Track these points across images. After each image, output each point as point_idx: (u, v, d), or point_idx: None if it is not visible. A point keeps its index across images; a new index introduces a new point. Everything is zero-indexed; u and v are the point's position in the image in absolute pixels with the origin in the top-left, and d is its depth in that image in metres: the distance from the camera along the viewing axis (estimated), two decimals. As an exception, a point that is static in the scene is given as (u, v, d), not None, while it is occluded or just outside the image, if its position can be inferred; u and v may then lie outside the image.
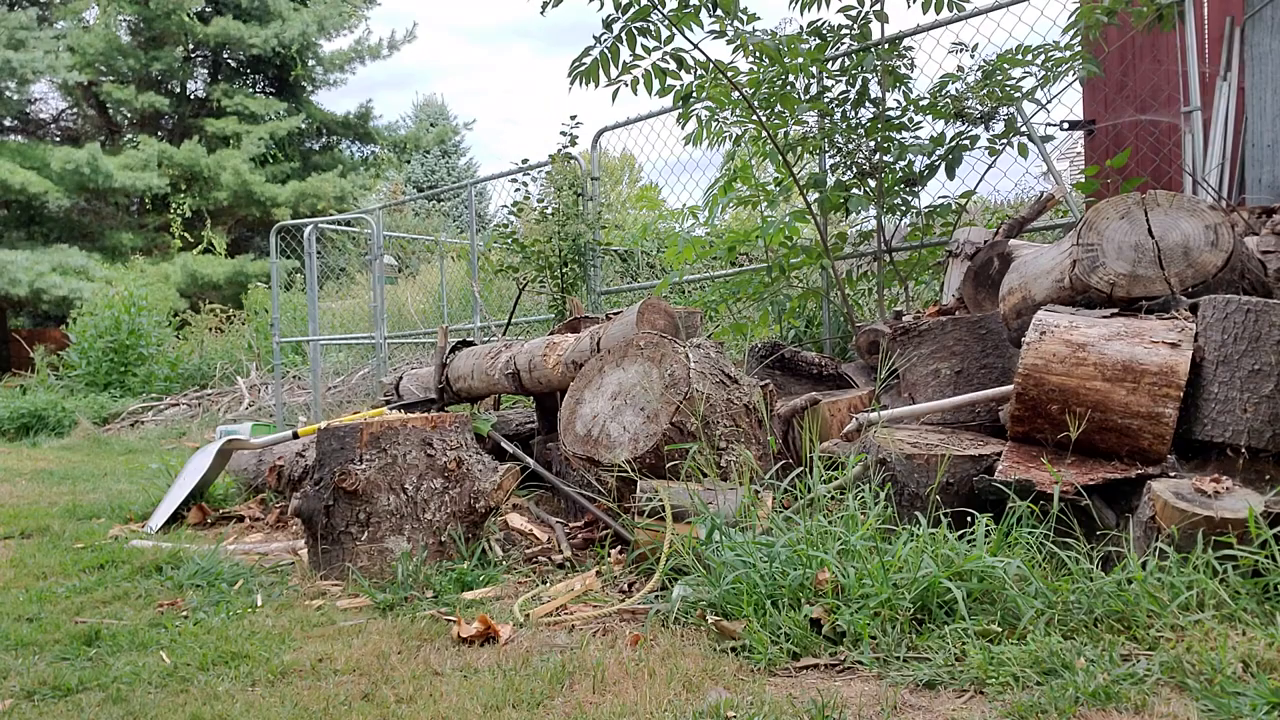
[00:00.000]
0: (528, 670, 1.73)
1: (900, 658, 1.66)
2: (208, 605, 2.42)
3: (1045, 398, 2.19)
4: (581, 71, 3.89)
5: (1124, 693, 1.41)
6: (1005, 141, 4.18)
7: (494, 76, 62.65)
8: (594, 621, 2.09)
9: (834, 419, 3.08)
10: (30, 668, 1.96)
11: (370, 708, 1.60)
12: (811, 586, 1.87)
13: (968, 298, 3.42)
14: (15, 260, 16.41)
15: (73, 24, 19.70)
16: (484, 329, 7.70)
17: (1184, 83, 4.14)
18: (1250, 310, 2.08)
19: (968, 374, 2.86)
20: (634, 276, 8.15)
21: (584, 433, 2.82)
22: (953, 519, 2.03)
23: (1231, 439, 2.06)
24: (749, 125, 4.41)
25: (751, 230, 4.95)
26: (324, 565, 2.68)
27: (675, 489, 2.40)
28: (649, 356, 2.82)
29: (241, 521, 3.80)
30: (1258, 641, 1.50)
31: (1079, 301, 2.48)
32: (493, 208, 8.62)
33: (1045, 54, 3.92)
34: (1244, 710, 1.32)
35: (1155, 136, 4.64)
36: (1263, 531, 1.69)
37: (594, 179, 6.92)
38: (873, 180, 4.30)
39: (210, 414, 9.33)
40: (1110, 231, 2.47)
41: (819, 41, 4.19)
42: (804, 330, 5.53)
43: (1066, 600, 1.73)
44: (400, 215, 17.20)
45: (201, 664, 1.92)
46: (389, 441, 2.67)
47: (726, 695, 1.53)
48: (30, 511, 4.16)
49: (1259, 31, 4.18)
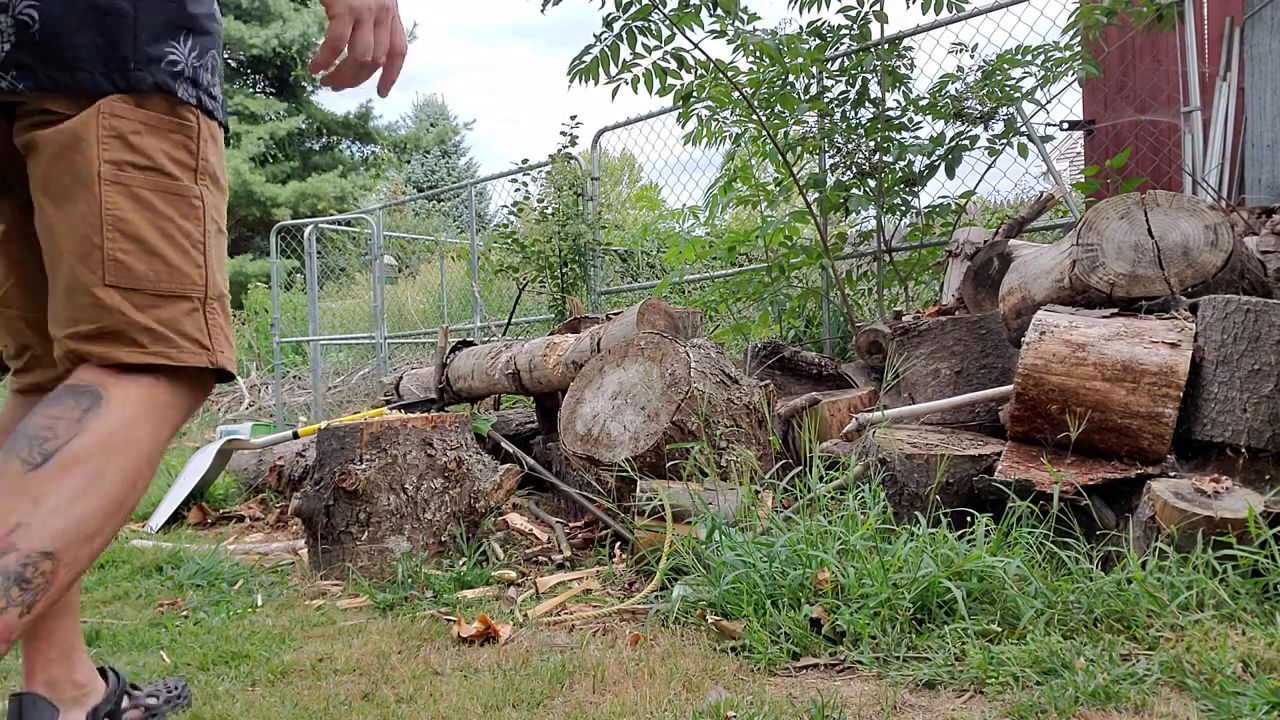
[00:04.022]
0: (528, 670, 1.73)
1: (900, 657, 1.66)
2: (208, 605, 2.42)
3: (1045, 398, 2.19)
4: (581, 70, 3.89)
5: (1124, 692, 1.41)
6: (1005, 141, 4.18)
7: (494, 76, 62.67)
8: (594, 621, 2.09)
9: (834, 419, 3.08)
10: (30, 667, 1.96)
11: (370, 707, 1.60)
12: (811, 586, 1.87)
13: (967, 298, 3.42)
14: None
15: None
16: (484, 329, 7.71)
17: (1184, 83, 4.14)
18: (1250, 310, 2.09)
19: (967, 374, 2.86)
20: (634, 276, 8.16)
21: (584, 432, 2.82)
22: (952, 519, 2.03)
23: (1231, 439, 2.06)
24: (749, 125, 4.42)
25: (751, 230, 4.95)
26: (324, 565, 2.68)
27: (675, 489, 2.40)
28: (650, 356, 2.82)
29: (241, 521, 3.80)
30: (1258, 641, 1.50)
31: (1079, 301, 2.49)
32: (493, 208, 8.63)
33: (1045, 54, 3.92)
34: (1244, 710, 1.32)
35: (1155, 136, 4.64)
36: (1262, 531, 1.69)
37: (594, 179, 6.92)
38: (873, 180, 4.30)
39: (210, 414, 9.33)
40: (1110, 231, 2.47)
41: (819, 41, 4.19)
42: (804, 330, 5.53)
43: (1066, 600, 1.73)
44: (400, 215, 17.20)
45: (202, 664, 1.92)
46: (389, 441, 2.67)
47: (726, 695, 1.53)
48: (30, 511, 4.15)
49: (1259, 31, 4.18)
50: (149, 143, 1.14)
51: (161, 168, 1.15)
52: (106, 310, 1.11)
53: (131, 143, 1.13)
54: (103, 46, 1.09)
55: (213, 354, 1.22)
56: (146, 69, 1.12)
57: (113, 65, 1.10)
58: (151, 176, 1.14)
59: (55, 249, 1.13)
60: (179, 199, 1.16)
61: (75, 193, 1.10)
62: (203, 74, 1.17)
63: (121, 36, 1.10)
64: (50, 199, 1.12)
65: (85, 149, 1.09)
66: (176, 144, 1.17)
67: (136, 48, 1.11)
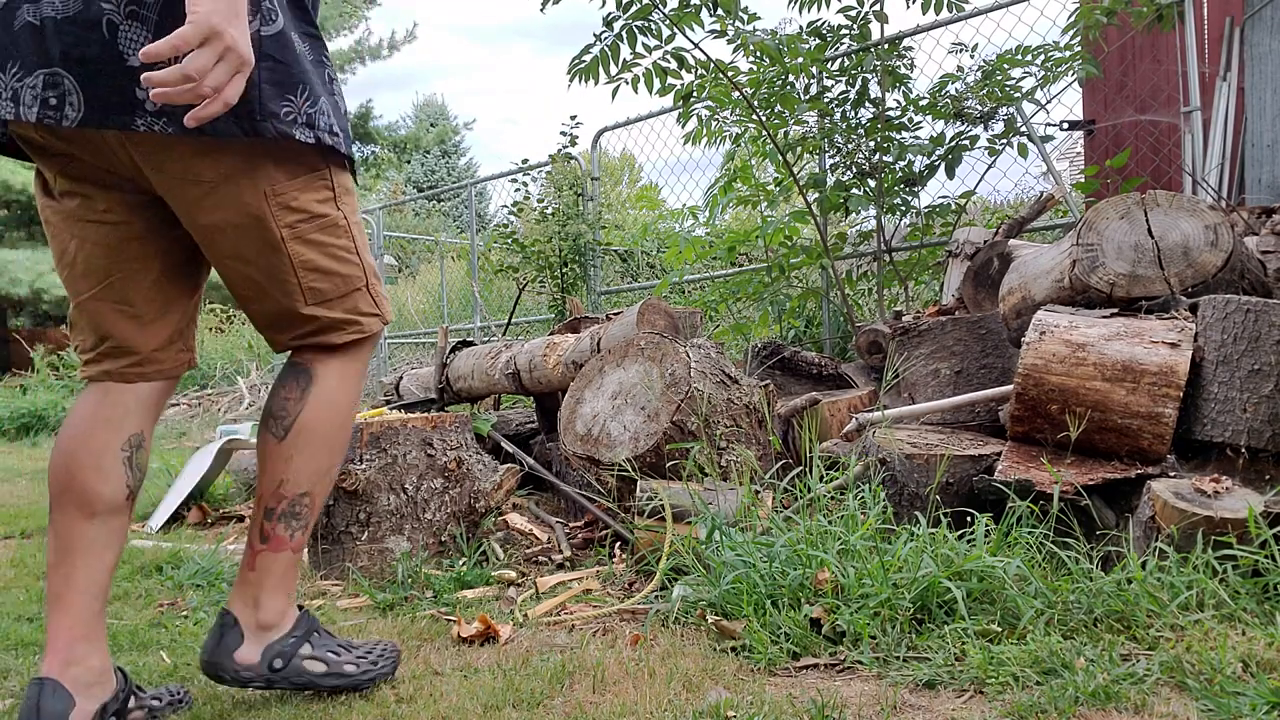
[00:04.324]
0: (528, 670, 1.73)
1: (900, 657, 1.66)
2: (208, 605, 2.42)
3: (1045, 398, 2.19)
4: (581, 69, 3.89)
5: (1124, 692, 1.41)
6: (1005, 141, 4.18)
7: (494, 76, 62.64)
8: (594, 621, 2.09)
9: (834, 419, 3.08)
10: (30, 667, 1.96)
11: (370, 707, 1.60)
12: (811, 586, 1.87)
13: (967, 298, 3.42)
14: (16, 260, 16.42)
15: (73, 24, 19.67)
16: (484, 329, 7.71)
17: (1184, 83, 4.14)
18: (1250, 310, 2.09)
19: (967, 374, 2.86)
20: (634, 276, 8.16)
21: (584, 432, 2.82)
22: (952, 519, 2.03)
23: (1231, 439, 2.06)
24: (749, 125, 4.42)
25: (751, 230, 4.95)
26: (324, 565, 2.68)
27: (675, 489, 2.40)
28: (650, 356, 2.82)
29: (241, 521, 3.79)
30: (1258, 641, 1.50)
31: (1079, 301, 2.49)
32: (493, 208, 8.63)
33: (1045, 54, 3.92)
34: (1244, 710, 1.32)
35: (1155, 136, 4.64)
36: (1262, 531, 1.69)
37: (594, 179, 6.92)
38: (873, 180, 4.30)
39: (210, 414, 9.33)
40: (1110, 231, 2.47)
41: (819, 41, 4.19)
42: (804, 330, 5.53)
43: (1066, 600, 1.73)
44: (400, 215, 17.19)
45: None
46: (389, 441, 2.67)
47: (726, 695, 1.53)
48: (30, 511, 4.16)
49: (1259, 31, 4.18)
50: (303, 199, 1.51)
51: (315, 213, 1.53)
52: (314, 319, 1.57)
53: (292, 206, 1.50)
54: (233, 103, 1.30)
55: (382, 315, 1.66)
56: (268, 121, 1.40)
57: (241, 117, 1.38)
58: (313, 222, 1.52)
59: (257, 285, 1.54)
60: (333, 226, 1.55)
61: (268, 253, 1.50)
62: (318, 118, 1.46)
63: (248, 95, 1.36)
64: (243, 261, 1.52)
65: (267, 223, 1.48)
66: (318, 188, 1.53)
67: (261, 104, 1.39)
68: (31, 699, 1.41)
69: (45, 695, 1.41)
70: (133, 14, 1.33)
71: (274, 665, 1.59)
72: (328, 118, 1.48)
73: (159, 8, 1.34)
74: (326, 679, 1.63)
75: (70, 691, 1.43)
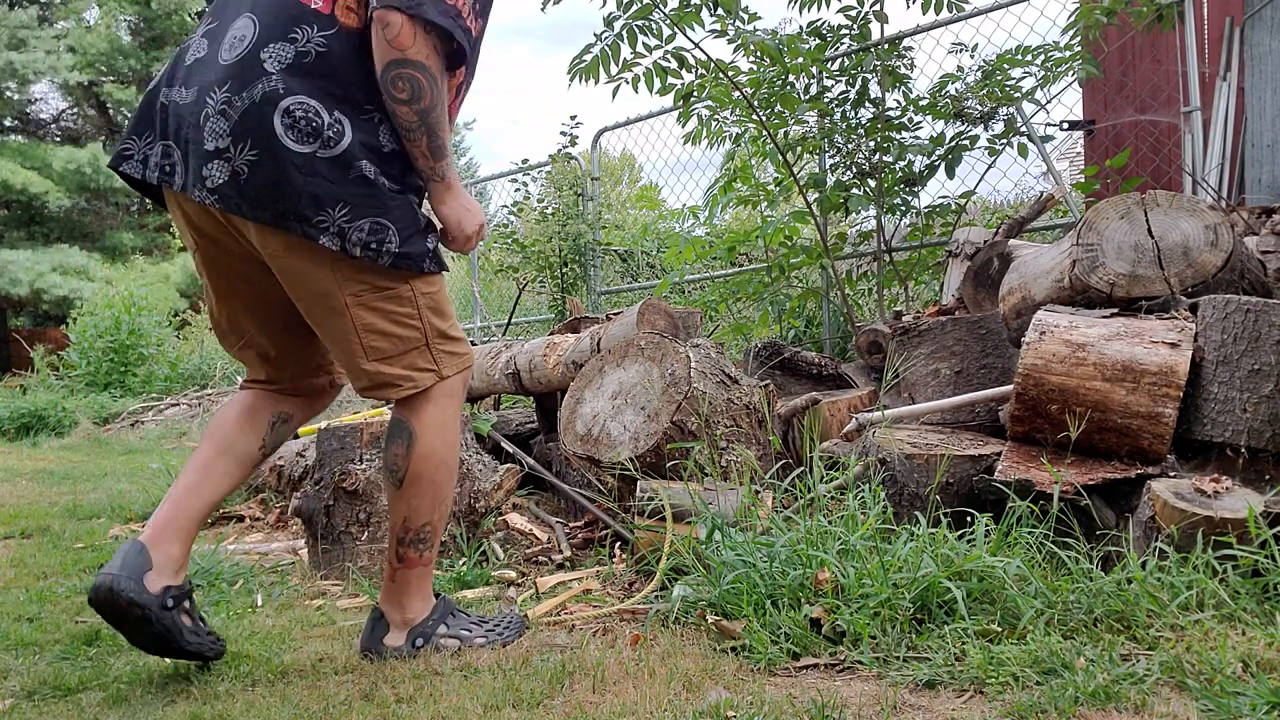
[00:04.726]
0: (527, 670, 1.73)
1: (900, 657, 1.66)
2: (208, 605, 2.42)
3: (1045, 398, 2.19)
4: (581, 69, 3.90)
5: (1124, 692, 1.41)
6: (1005, 141, 4.18)
7: (494, 76, 62.67)
8: (594, 621, 2.09)
9: (834, 419, 3.08)
10: (30, 667, 1.97)
11: (370, 708, 1.61)
12: (811, 586, 1.87)
13: (967, 298, 3.42)
14: (16, 260, 16.42)
15: (73, 24, 19.70)
16: (484, 329, 7.71)
17: (1184, 83, 4.14)
18: (1250, 310, 2.09)
19: (967, 374, 2.86)
20: (634, 276, 8.16)
21: (584, 432, 2.82)
22: (952, 519, 2.03)
23: (1231, 439, 2.06)
24: (749, 125, 4.42)
25: (751, 230, 4.95)
26: (324, 565, 2.68)
27: (676, 489, 2.40)
28: (650, 356, 2.82)
29: (241, 521, 3.80)
30: (1258, 641, 1.50)
31: (1079, 301, 2.48)
32: (493, 208, 8.61)
33: (1045, 54, 3.92)
34: (1244, 710, 1.32)
35: (1155, 136, 4.64)
36: (1262, 531, 1.69)
37: (594, 179, 6.93)
38: (873, 180, 4.30)
39: (210, 414, 9.32)
40: (1110, 231, 2.47)
41: (819, 41, 4.19)
42: (804, 330, 5.54)
43: (1066, 600, 1.73)
44: (400, 215, 17.18)
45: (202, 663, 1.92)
46: (389, 441, 2.67)
47: (726, 695, 1.53)
48: (30, 511, 4.16)
49: (1259, 31, 4.18)
50: (365, 276, 1.76)
51: (376, 285, 1.77)
52: (375, 374, 1.82)
53: (354, 279, 1.75)
54: (278, 202, 1.67)
55: (439, 372, 1.86)
56: (299, 224, 1.68)
57: (280, 215, 1.68)
58: (375, 292, 1.77)
59: (328, 338, 1.84)
60: (396, 297, 1.79)
61: (334, 318, 1.78)
62: (351, 231, 1.71)
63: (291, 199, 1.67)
64: (316, 321, 1.83)
65: (335, 293, 1.75)
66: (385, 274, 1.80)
67: (298, 210, 1.68)
68: (123, 549, 1.73)
69: (133, 551, 1.73)
70: (222, 113, 1.67)
71: (416, 644, 1.89)
72: (364, 234, 1.71)
73: (240, 112, 1.66)
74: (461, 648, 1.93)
75: (154, 558, 1.74)
